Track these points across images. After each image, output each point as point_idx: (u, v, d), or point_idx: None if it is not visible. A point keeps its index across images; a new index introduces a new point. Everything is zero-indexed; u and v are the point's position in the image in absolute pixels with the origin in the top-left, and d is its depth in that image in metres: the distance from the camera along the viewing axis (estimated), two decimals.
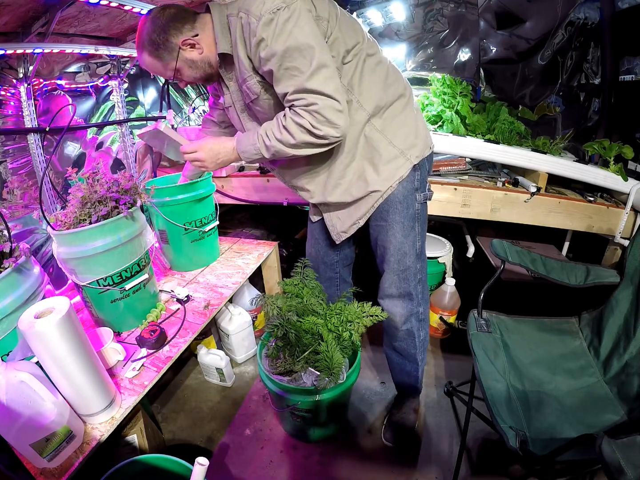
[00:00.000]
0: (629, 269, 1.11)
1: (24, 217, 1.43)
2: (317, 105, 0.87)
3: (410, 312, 1.19)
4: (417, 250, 1.14)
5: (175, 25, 0.93)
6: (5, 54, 1.22)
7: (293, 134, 0.92)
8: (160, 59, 0.95)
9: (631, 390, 0.97)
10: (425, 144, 1.08)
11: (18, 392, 0.72)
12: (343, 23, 0.95)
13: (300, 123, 0.90)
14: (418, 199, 1.10)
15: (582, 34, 1.92)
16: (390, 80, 1.03)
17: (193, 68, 0.99)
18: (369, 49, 1.00)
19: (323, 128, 0.89)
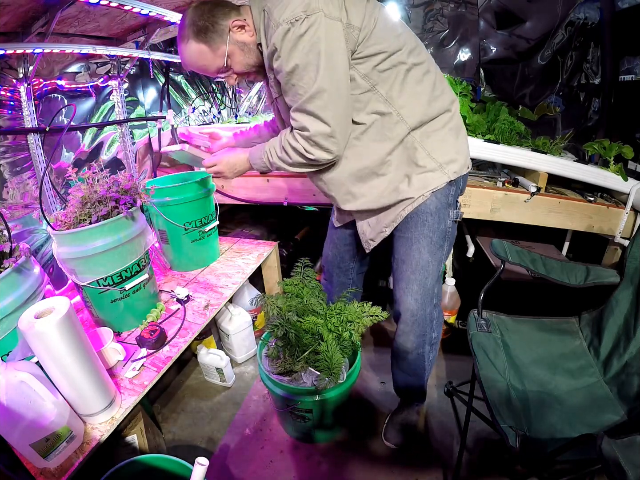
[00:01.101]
0: (629, 269, 1.11)
1: (24, 217, 1.43)
2: (308, 132, 0.88)
3: (423, 339, 1.13)
4: (439, 273, 1.06)
5: (222, 9, 0.91)
6: (5, 54, 1.22)
7: (289, 155, 0.95)
8: (209, 43, 0.91)
9: (631, 390, 0.97)
10: (465, 162, 1.03)
11: (18, 392, 0.72)
12: (383, 28, 0.89)
13: (295, 147, 0.92)
14: (451, 216, 1.03)
15: (582, 34, 1.92)
16: (437, 92, 0.97)
17: (246, 52, 0.94)
18: (414, 57, 0.93)
19: (315, 152, 0.91)
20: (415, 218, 1.02)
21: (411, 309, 1.08)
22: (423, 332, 1.11)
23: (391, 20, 0.95)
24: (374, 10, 0.90)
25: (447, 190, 1.01)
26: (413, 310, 1.08)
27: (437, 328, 1.15)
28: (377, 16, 0.89)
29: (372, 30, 0.88)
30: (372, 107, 0.93)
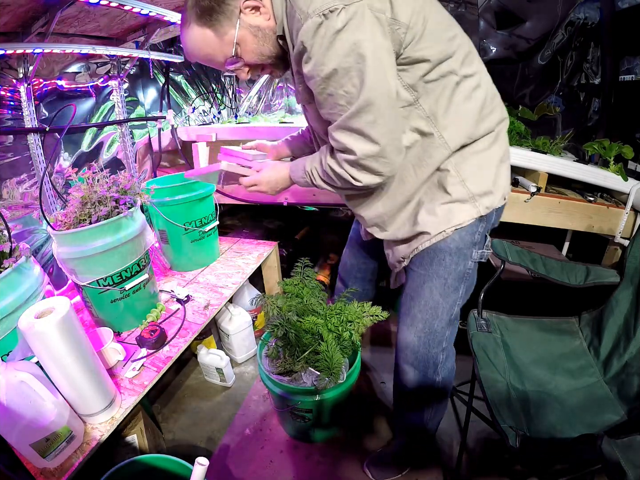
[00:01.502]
0: (629, 269, 1.11)
1: (24, 217, 1.43)
2: (355, 156, 0.74)
3: (423, 382, 1.00)
4: (451, 316, 0.93)
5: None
6: (5, 54, 1.22)
7: (335, 181, 0.84)
8: (214, 27, 0.74)
9: (631, 390, 0.97)
10: (502, 193, 0.87)
11: (18, 392, 0.72)
12: (434, 28, 0.73)
13: (339, 174, 0.80)
14: (473, 257, 0.89)
15: (582, 34, 1.92)
16: (486, 111, 0.82)
17: (260, 38, 0.77)
18: (466, 66, 0.78)
19: (364, 178, 0.77)
20: (431, 254, 0.89)
21: (412, 346, 0.96)
22: (424, 374, 0.98)
23: (445, 17, 0.79)
24: (425, 5, 0.73)
25: (473, 228, 0.86)
26: (414, 348, 0.96)
27: (442, 373, 1.00)
28: (429, 12, 0.73)
29: (422, 31, 0.72)
30: (413, 123, 0.80)
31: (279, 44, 0.79)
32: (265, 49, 0.79)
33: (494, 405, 0.91)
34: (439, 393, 1.02)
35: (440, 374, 0.99)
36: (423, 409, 1.05)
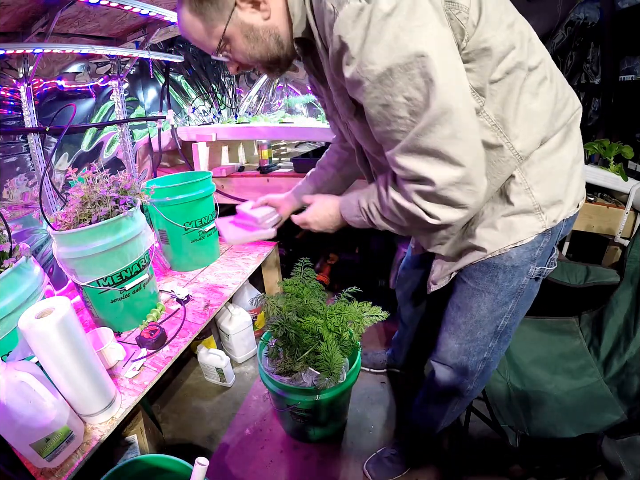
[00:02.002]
0: (629, 269, 1.11)
1: (24, 217, 1.43)
2: (433, 186, 0.58)
3: (456, 388, 0.96)
4: (497, 328, 0.86)
5: None
6: (5, 54, 1.22)
7: (401, 219, 0.67)
8: (203, 17, 0.64)
9: (631, 390, 0.97)
10: (575, 200, 0.76)
11: (18, 392, 0.72)
12: (493, 10, 0.59)
13: (409, 210, 0.63)
14: (530, 273, 0.78)
15: (582, 34, 1.92)
16: (560, 105, 0.69)
17: (250, 40, 0.66)
18: (530, 56, 0.63)
19: (443, 214, 0.61)
20: (483, 269, 0.80)
21: (453, 350, 0.91)
22: (458, 379, 0.94)
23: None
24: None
25: (535, 244, 0.75)
26: (454, 352, 0.91)
27: (477, 384, 0.95)
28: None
29: (479, 15, 0.58)
30: None
31: (278, 47, 0.68)
32: (255, 52, 0.68)
33: (494, 405, 0.91)
34: (464, 401, 1.00)
35: (473, 383, 0.94)
36: (443, 411, 1.03)
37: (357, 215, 0.78)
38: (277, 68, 0.73)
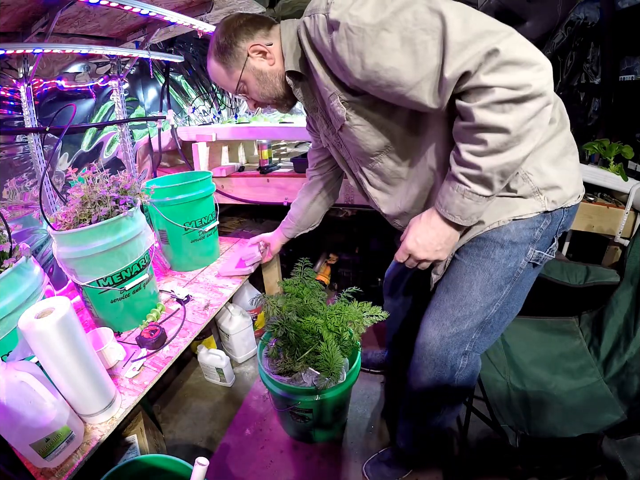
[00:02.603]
0: (629, 269, 1.11)
1: (24, 217, 1.43)
2: (499, 54, 0.55)
3: (435, 386, 0.90)
4: (485, 317, 0.82)
5: (248, 29, 0.82)
6: (5, 54, 1.22)
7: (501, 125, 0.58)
8: (225, 65, 0.85)
9: (631, 390, 0.97)
10: (575, 190, 0.78)
11: (18, 392, 0.72)
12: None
13: (492, 99, 0.57)
14: (528, 255, 0.77)
15: (582, 34, 1.92)
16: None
17: (261, 82, 0.86)
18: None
19: (525, 77, 0.55)
20: (479, 243, 0.79)
21: (432, 344, 0.86)
22: (438, 377, 0.89)
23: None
24: None
25: (534, 222, 0.76)
26: (432, 347, 0.86)
27: (459, 381, 0.89)
28: None
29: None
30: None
31: (283, 86, 0.86)
32: (265, 91, 0.87)
33: (494, 405, 0.91)
34: (451, 400, 0.95)
35: (457, 381, 0.89)
36: (431, 414, 0.98)
37: (461, 196, 0.67)
38: (284, 104, 0.91)
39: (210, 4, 1.46)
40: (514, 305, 0.84)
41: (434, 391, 0.92)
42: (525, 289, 0.84)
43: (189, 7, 1.49)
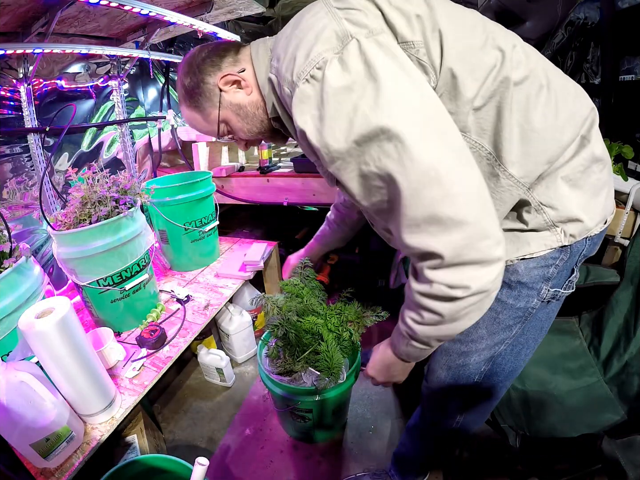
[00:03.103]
0: (629, 269, 1.11)
1: (24, 217, 1.43)
2: (444, 259, 0.50)
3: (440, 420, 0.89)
4: (494, 354, 0.74)
5: (213, 60, 0.68)
6: (5, 54, 1.22)
7: (435, 312, 0.56)
8: (199, 109, 0.71)
9: (631, 390, 0.97)
10: (602, 216, 0.65)
11: (18, 392, 0.72)
12: (454, 41, 0.55)
13: (434, 293, 0.53)
14: (542, 294, 0.67)
15: (582, 34, 1.92)
16: (565, 113, 0.59)
17: (243, 117, 0.71)
18: (514, 70, 0.56)
19: (472, 281, 0.51)
20: None
21: (437, 372, 0.83)
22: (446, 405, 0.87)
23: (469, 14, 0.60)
24: (436, 6, 0.56)
25: (549, 260, 0.64)
26: (440, 375, 0.82)
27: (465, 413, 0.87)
28: (441, 17, 0.56)
29: (442, 47, 0.55)
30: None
31: (269, 117, 0.71)
32: (252, 127, 0.73)
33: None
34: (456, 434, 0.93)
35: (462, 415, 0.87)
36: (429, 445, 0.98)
37: (405, 345, 0.65)
38: (278, 136, 0.77)
39: (210, 4, 1.47)
40: (530, 343, 0.75)
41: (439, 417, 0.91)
42: (542, 327, 0.75)
43: (189, 7, 1.49)
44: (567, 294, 0.69)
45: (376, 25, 0.53)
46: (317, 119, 0.52)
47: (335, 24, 0.52)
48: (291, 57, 0.54)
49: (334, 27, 0.52)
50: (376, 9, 0.55)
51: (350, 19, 0.53)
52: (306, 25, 0.56)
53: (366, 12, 0.54)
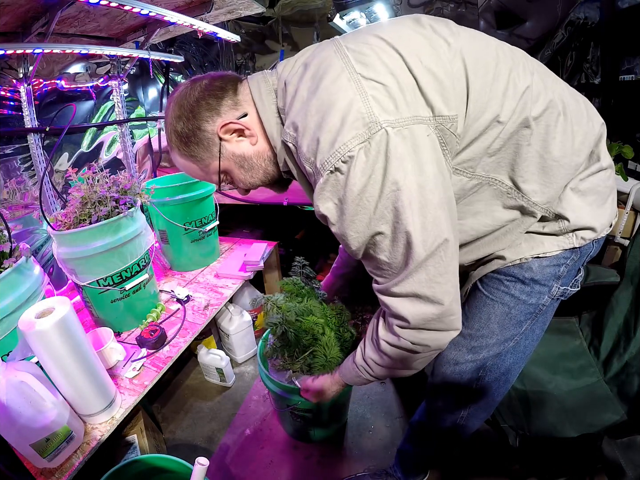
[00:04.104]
0: (629, 269, 1.11)
1: (24, 217, 1.43)
2: (410, 324, 0.59)
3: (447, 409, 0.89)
4: (503, 350, 0.76)
5: (209, 103, 0.61)
6: (5, 54, 1.22)
7: (396, 360, 0.67)
8: (195, 158, 0.64)
9: (631, 390, 0.97)
10: (609, 220, 0.69)
11: (18, 392, 0.72)
12: (480, 93, 0.55)
13: (397, 345, 0.64)
14: (552, 292, 0.70)
15: (582, 33, 1.92)
16: (581, 135, 0.61)
17: (246, 169, 0.66)
18: (534, 106, 0.57)
19: (431, 341, 0.61)
20: (500, 277, 0.71)
21: (445, 366, 0.82)
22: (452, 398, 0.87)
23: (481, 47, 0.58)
24: (456, 54, 0.55)
25: (560, 259, 0.67)
26: (447, 370, 0.82)
27: (469, 409, 0.87)
28: (464, 58, 0.55)
29: (467, 109, 0.55)
30: (494, 208, 0.64)
31: (276, 167, 0.68)
32: (255, 179, 0.69)
33: None
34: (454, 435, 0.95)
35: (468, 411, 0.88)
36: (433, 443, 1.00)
37: (357, 376, 0.77)
38: (281, 184, 0.76)
39: (210, 4, 1.46)
40: (529, 343, 0.79)
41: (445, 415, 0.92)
42: (544, 325, 0.79)
43: (189, 7, 1.49)
44: (574, 292, 0.73)
45: (405, 112, 0.50)
46: (339, 209, 0.54)
47: (362, 104, 0.50)
48: (313, 137, 0.52)
49: (360, 107, 0.50)
50: (409, 75, 0.52)
51: (377, 98, 0.50)
52: (327, 94, 0.52)
53: (393, 88, 0.51)
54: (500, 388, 0.83)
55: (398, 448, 1.13)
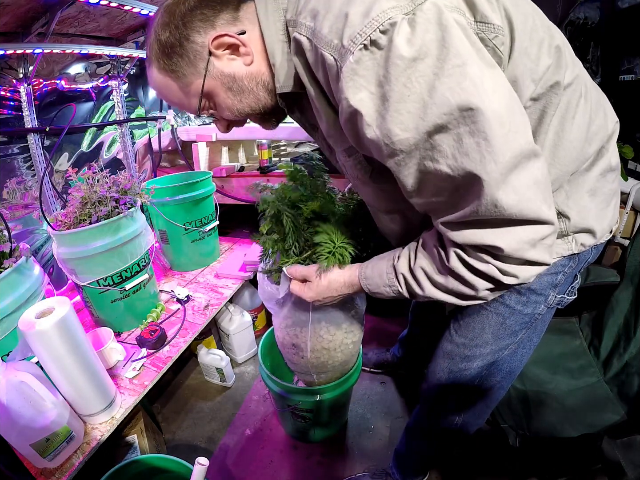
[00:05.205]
0: (629, 269, 1.11)
1: (24, 217, 1.43)
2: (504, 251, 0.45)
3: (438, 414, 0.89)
4: (498, 359, 0.74)
5: (204, 13, 0.52)
6: (5, 54, 1.22)
7: (473, 283, 0.50)
8: (176, 74, 0.55)
9: (631, 390, 0.97)
10: (609, 225, 0.65)
11: (18, 392, 0.72)
12: (521, 20, 0.48)
13: (485, 271, 0.48)
14: (549, 301, 0.68)
15: (582, 33, 1.92)
16: (596, 126, 0.58)
17: (235, 92, 0.57)
18: (565, 73, 0.51)
19: (521, 273, 0.47)
20: None
21: (439, 375, 0.81)
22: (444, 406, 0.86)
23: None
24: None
25: (558, 267, 0.64)
26: (441, 378, 0.80)
27: (464, 415, 0.85)
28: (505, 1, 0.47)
29: (513, 37, 0.47)
30: None
31: (270, 95, 0.58)
32: (244, 105, 0.58)
33: None
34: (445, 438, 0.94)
35: (462, 417, 0.86)
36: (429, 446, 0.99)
37: (390, 285, 0.60)
38: (272, 118, 0.64)
39: None
40: (525, 352, 0.76)
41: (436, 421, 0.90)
42: (540, 334, 0.76)
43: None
44: (571, 300, 0.70)
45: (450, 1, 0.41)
46: (379, 98, 0.40)
47: None
48: (339, 13, 0.41)
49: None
50: None
51: None
52: None
53: None
54: (494, 394, 0.81)
55: (395, 449, 1.13)
